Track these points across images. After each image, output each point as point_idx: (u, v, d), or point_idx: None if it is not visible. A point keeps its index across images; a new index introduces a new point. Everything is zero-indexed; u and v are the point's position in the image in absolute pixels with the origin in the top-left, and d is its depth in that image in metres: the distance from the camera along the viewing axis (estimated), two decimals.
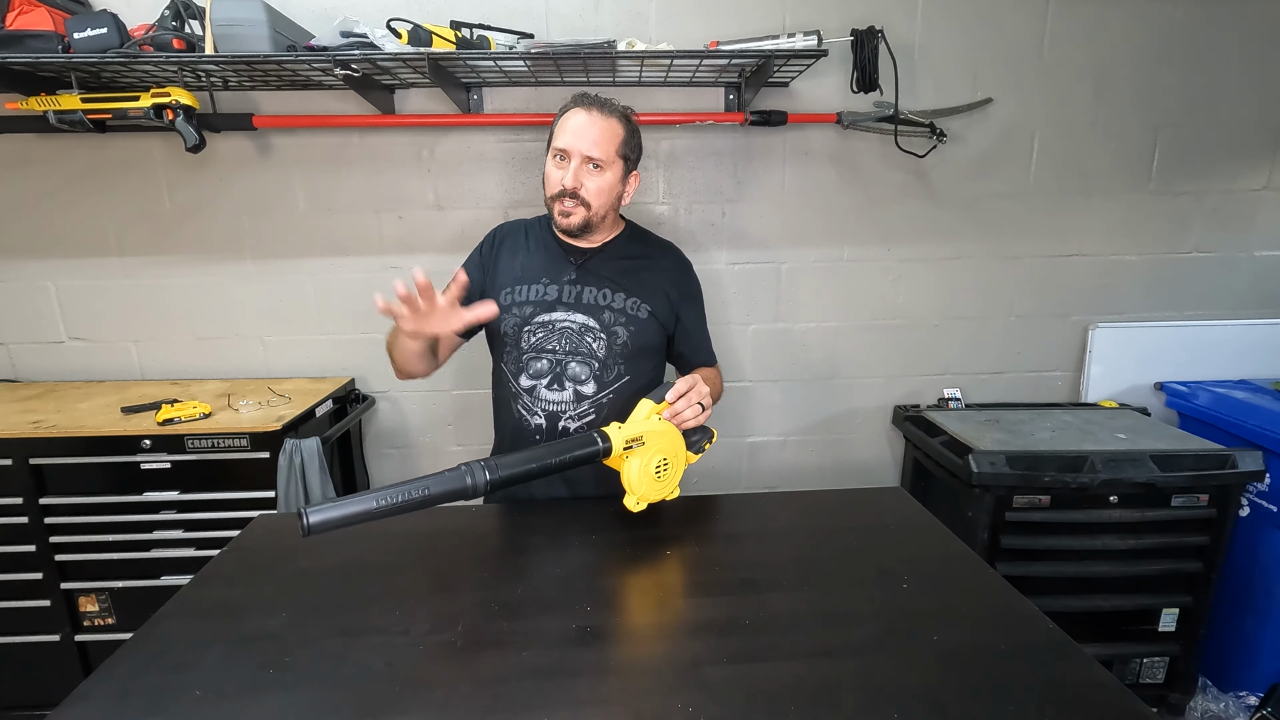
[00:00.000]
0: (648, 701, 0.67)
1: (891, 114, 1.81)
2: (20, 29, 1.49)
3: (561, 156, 1.24)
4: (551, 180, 1.25)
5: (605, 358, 1.27)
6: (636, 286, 1.31)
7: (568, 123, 1.24)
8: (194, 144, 1.64)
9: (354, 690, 0.69)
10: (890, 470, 2.19)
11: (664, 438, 1.03)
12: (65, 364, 1.96)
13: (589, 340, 1.27)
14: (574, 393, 1.27)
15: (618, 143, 1.25)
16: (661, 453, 1.02)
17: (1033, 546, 1.65)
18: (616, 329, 1.28)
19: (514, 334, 1.28)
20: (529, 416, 1.29)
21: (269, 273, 1.94)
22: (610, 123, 1.24)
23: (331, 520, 0.71)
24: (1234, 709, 1.76)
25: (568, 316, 1.28)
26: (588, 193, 1.24)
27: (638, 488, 1.00)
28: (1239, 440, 1.82)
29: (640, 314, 1.30)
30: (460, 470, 0.82)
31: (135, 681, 0.71)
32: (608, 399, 1.28)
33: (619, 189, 1.29)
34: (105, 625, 1.66)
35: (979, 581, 0.90)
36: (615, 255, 1.34)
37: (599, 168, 1.24)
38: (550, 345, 1.27)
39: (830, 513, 1.12)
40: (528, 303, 1.28)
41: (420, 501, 0.77)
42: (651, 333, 1.32)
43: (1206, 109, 1.96)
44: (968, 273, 2.06)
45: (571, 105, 1.26)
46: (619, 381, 1.28)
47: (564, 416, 1.27)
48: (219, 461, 1.57)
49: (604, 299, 1.29)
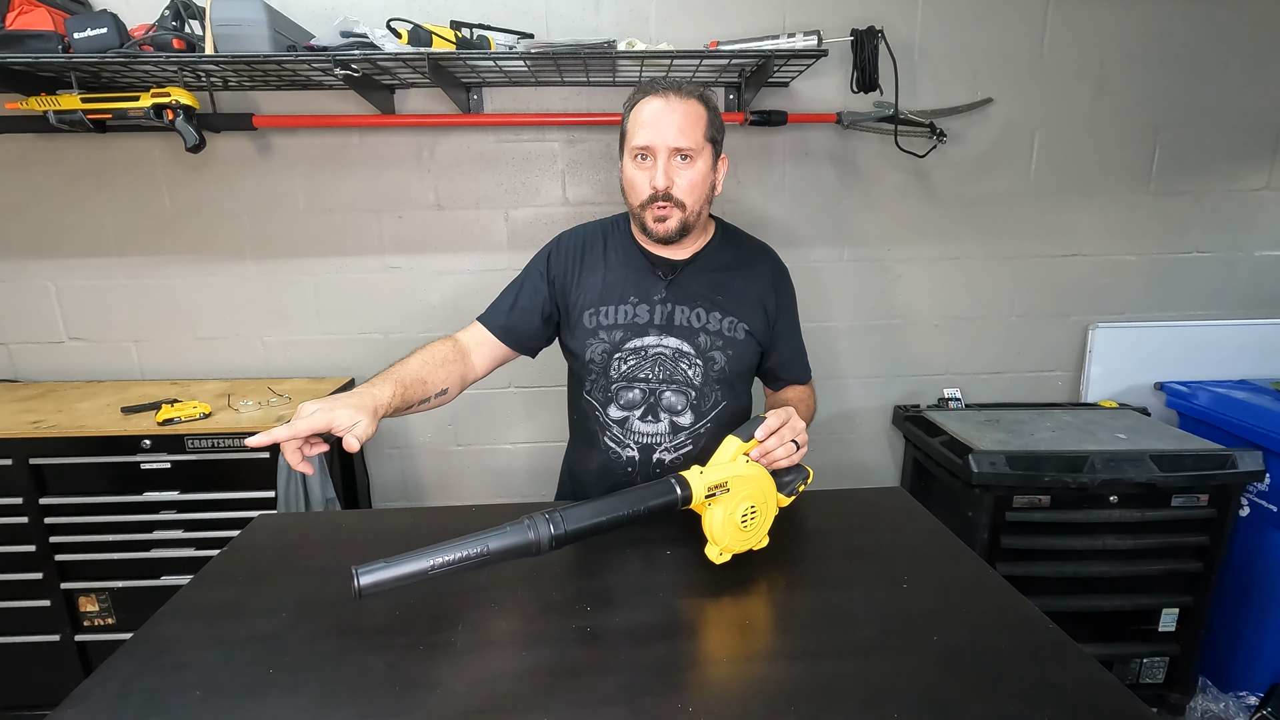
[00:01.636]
0: (648, 701, 0.67)
1: (891, 114, 1.81)
2: (20, 29, 1.49)
3: (643, 155, 1.09)
4: (637, 185, 1.11)
5: (702, 385, 1.17)
6: (732, 303, 1.19)
7: (642, 114, 1.08)
8: (194, 144, 1.63)
9: (354, 690, 0.69)
10: (890, 470, 2.19)
11: (751, 482, 0.90)
12: (65, 364, 1.96)
13: (684, 367, 1.16)
14: (670, 424, 1.17)
15: (703, 125, 1.10)
16: (748, 499, 0.89)
17: (1033, 546, 1.65)
18: (714, 354, 1.17)
19: (602, 361, 1.17)
20: (620, 449, 1.19)
21: (269, 273, 1.94)
22: (691, 104, 1.09)
23: (384, 582, 0.66)
24: (1234, 709, 1.76)
25: (660, 341, 1.16)
26: (680, 190, 1.09)
27: (721, 538, 0.89)
28: (1239, 440, 1.82)
29: (738, 335, 1.18)
30: (523, 524, 0.74)
31: (135, 681, 0.71)
32: (705, 428, 1.19)
33: (711, 178, 1.14)
34: (105, 625, 1.67)
35: (979, 581, 0.90)
36: (708, 266, 1.20)
37: (689, 159, 1.09)
38: (643, 374, 1.16)
39: (830, 513, 1.11)
40: (616, 326, 1.17)
41: (479, 560, 0.71)
42: (750, 354, 1.21)
43: (1206, 109, 1.96)
44: (968, 273, 2.06)
45: (641, 95, 1.11)
46: (716, 409, 1.19)
47: (659, 449, 1.18)
48: (219, 461, 1.57)
49: (698, 320, 1.17)
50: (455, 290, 1.96)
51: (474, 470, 2.11)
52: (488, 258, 1.95)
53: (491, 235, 1.95)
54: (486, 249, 1.95)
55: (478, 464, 2.11)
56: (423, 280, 1.96)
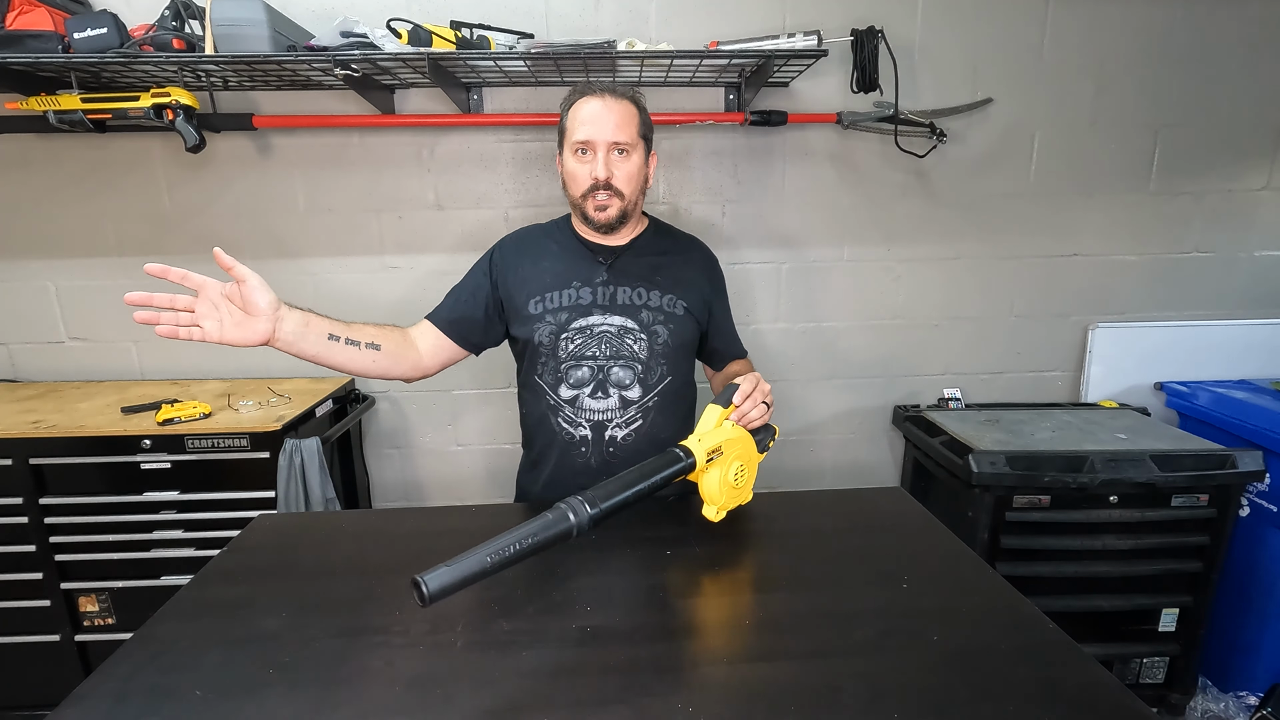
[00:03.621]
0: (648, 701, 0.67)
1: (891, 114, 1.81)
2: (20, 29, 1.49)
3: (583, 150, 1.19)
4: (579, 177, 1.21)
5: (648, 359, 1.24)
6: (670, 283, 1.28)
7: (581, 113, 1.19)
8: (194, 144, 1.63)
9: (354, 690, 0.69)
10: (890, 470, 2.19)
11: (739, 444, 1.01)
12: (65, 364, 1.96)
13: (629, 342, 1.23)
14: (619, 399, 1.22)
15: (637, 123, 1.21)
16: (738, 459, 1.00)
17: (1033, 546, 1.65)
18: (657, 328, 1.24)
19: (550, 343, 1.23)
20: (572, 429, 1.24)
21: (269, 273, 1.88)
22: (625, 105, 1.20)
23: (449, 585, 0.67)
24: (1234, 709, 1.76)
25: (605, 320, 1.23)
26: (620, 180, 1.20)
27: (718, 498, 0.98)
28: (1239, 440, 1.82)
29: (677, 310, 1.27)
30: (561, 510, 0.78)
31: (135, 681, 0.71)
32: (653, 402, 1.24)
33: (645, 171, 1.26)
34: (105, 625, 1.66)
35: (979, 581, 0.90)
36: (644, 251, 1.30)
37: (625, 153, 1.20)
38: (590, 351, 1.22)
39: (830, 513, 1.12)
40: (561, 309, 1.23)
41: (530, 550, 0.74)
42: (689, 329, 1.29)
43: (1206, 109, 1.96)
44: (968, 273, 2.06)
45: (579, 96, 1.21)
46: (663, 383, 1.25)
47: (610, 425, 1.23)
48: (219, 461, 1.57)
49: (639, 297, 1.25)
50: None
51: (474, 470, 2.11)
52: None
53: (491, 235, 1.92)
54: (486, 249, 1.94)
55: (478, 464, 2.11)
56: (423, 280, 1.96)
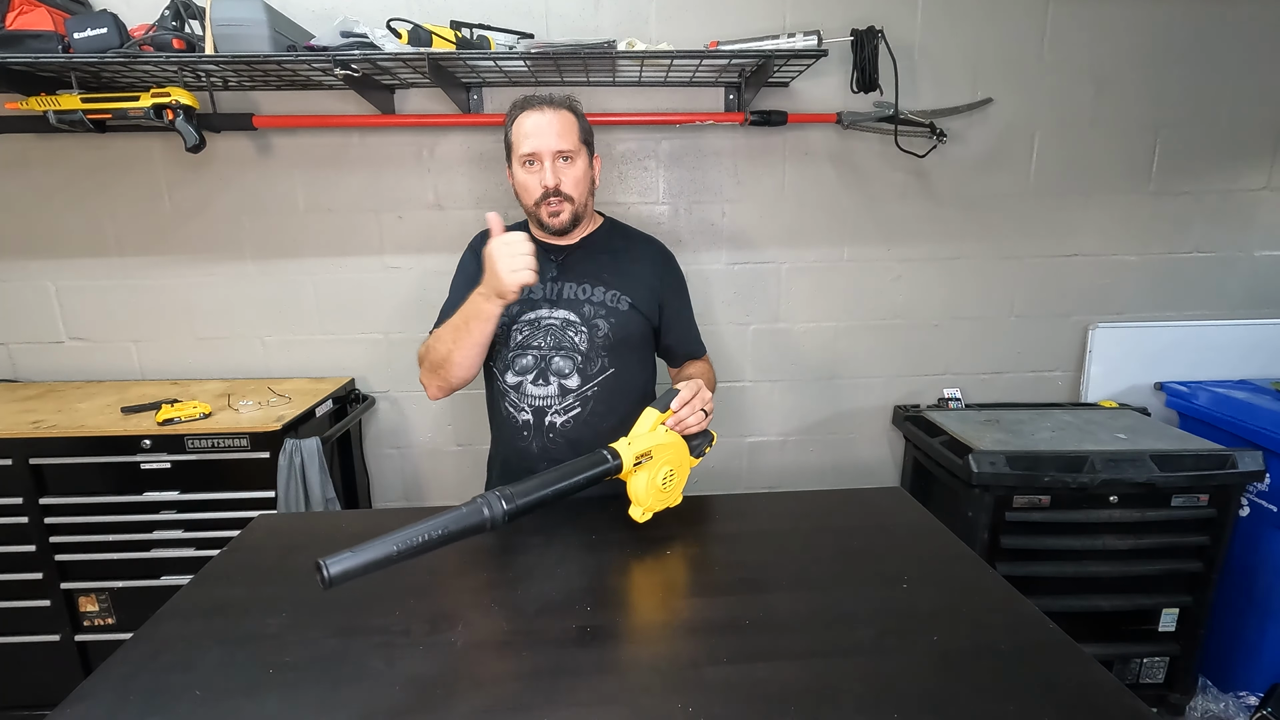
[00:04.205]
0: (648, 701, 0.67)
1: (891, 114, 1.81)
2: (20, 29, 1.49)
3: (531, 161, 1.26)
4: (530, 187, 1.27)
5: (588, 351, 1.29)
6: (617, 279, 1.33)
7: (524, 126, 1.26)
8: (194, 144, 1.63)
9: (354, 690, 0.69)
10: (890, 470, 2.19)
11: (670, 449, 1.03)
12: (65, 364, 1.96)
13: (571, 334, 1.29)
14: (559, 387, 1.29)
15: (577, 130, 1.28)
16: (667, 464, 1.02)
17: (1033, 546, 1.65)
18: (597, 322, 1.30)
19: (502, 333, 1.30)
20: (516, 413, 1.31)
21: (269, 273, 1.94)
22: (563, 114, 1.27)
23: (351, 570, 0.68)
24: (1234, 709, 1.76)
25: (551, 313, 1.30)
26: (568, 185, 1.26)
27: (645, 500, 1.01)
28: (1239, 440, 1.82)
29: (620, 306, 1.32)
30: (477, 503, 0.81)
31: (135, 681, 0.71)
32: (592, 391, 1.30)
33: (591, 174, 1.33)
34: (105, 625, 1.66)
35: (979, 581, 0.90)
36: (596, 250, 1.36)
37: (570, 159, 1.27)
38: (535, 341, 1.30)
39: (830, 513, 1.12)
40: (515, 302, 1.28)
41: (440, 540, 0.75)
42: (634, 324, 1.33)
43: (1206, 109, 1.96)
44: (968, 273, 2.06)
45: (519, 111, 1.28)
46: (603, 374, 1.30)
47: (550, 411, 1.29)
48: (219, 461, 1.57)
49: (584, 293, 1.31)
50: None
51: (474, 470, 2.10)
52: None
53: None
54: None
55: (478, 464, 2.10)
56: (423, 280, 1.96)
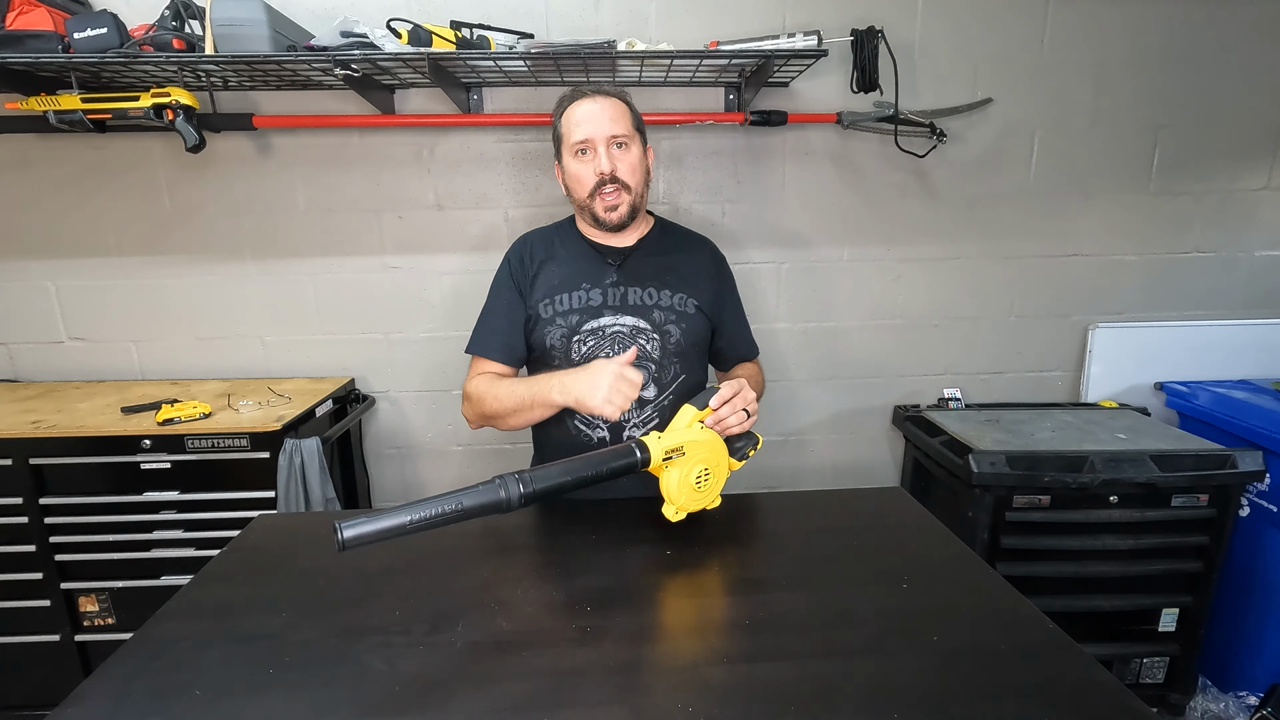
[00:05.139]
0: (648, 701, 0.67)
1: (891, 114, 1.81)
2: (20, 29, 1.49)
3: (583, 150, 1.21)
4: (583, 178, 1.21)
5: (661, 359, 1.24)
6: (679, 281, 1.28)
7: (575, 115, 1.21)
8: (194, 144, 1.63)
9: (354, 690, 0.69)
10: (890, 470, 2.19)
11: (705, 447, 0.99)
12: (65, 364, 1.96)
13: (642, 342, 1.23)
14: (636, 399, 1.22)
15: (630, 117, 1.23)
16: (702, 462, 0.98)
17: (1033, 546, 1.65)
18: (669, 327, 1.25)
19: (562, 346, 1.23)
20: (590, 430, 1.24)
21: (269, 273, 1.94)
22: (614, 102, 1.22)
23: (365, 535, 0.69)
24: (1234, 709, 1.76)
25: (616, 320, 1.23)
26: (624, 172, 1.20)
27: (677, 498, 0.97)
28: (1239, 440, 1.82)
29: (688, 309, 1.27)
30: (494, 483, 0.80)
31: (135, 681, 0.71)
32: (668, 400, 1.25)
33: (645, 163, 1.27)
34: (105, 625, 1.66)
35: (979, 581, 0.90)
36: (652, 251, 1.30)
37: (624, 145, 1.21)
38: (603, 352, 1.22)
39: (830, 513, 1.12)
40: (572, 311, 1.24)
41: (455, 515, 0.75)
42: (701, 327, 1.29)
43: (1206, 109, 1.96)
44: (968, 273, 2.06)
45: (570, 100, 1.23)
46: (676, 381, 1.26)
47: (628, 425, 1.24)
48: (219, 461, 1.57)
49: (650, 298, 1.25)
50: (455, 290, 1.96)
51: (474, 470, 2.11)
52: (487, 258, 1.94)
53: (491, 235, 1.94)
54: (486, 249, 1.94)
55: (478, 464, 2.11)
56: (423, 280, 1.96)
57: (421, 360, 2.01)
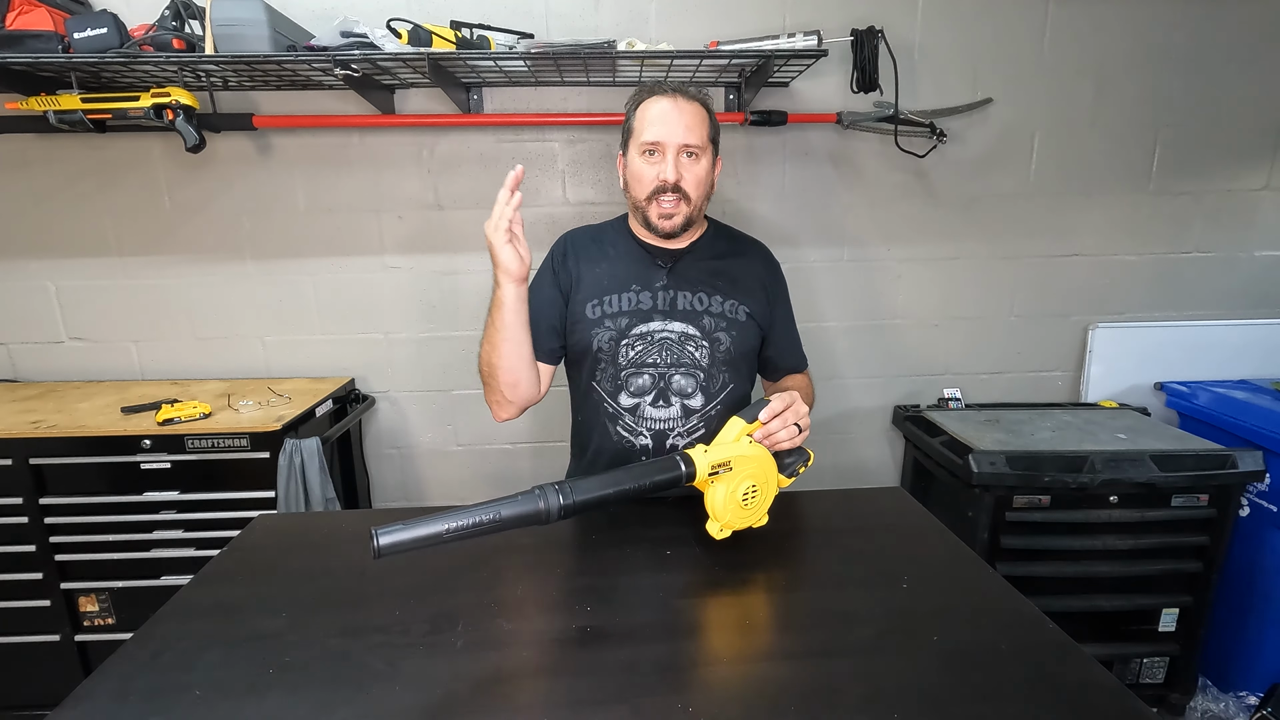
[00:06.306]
0: (648, 701, 0.67)
1: (891, 114, 1.81)
2: (20, 29, 1.49)
3: (652, 151, 1.14)
4: (644, 178, 1.15)
5: (709, 367, 1.19)
6: (731, 287, 1.23)
7: (650, 112, 1.14)
8: (194, 144, 1.63)
9: (354, 690, 0.69)
10: (890, 470, 2.19)
11: (753, 462, 0.94)
12: (65, 364, 1.96)
13: (691, 349, 1.19)
14: (681, 408, 1.19)
15: (706, 126, 1.16)
16: (750, 479, 0.93)
17: (1033, 546, 1.65)
18: (719, 335, 1.20)
19: (610, 349, 1.19)
20: (633, 438, 1.20)
21: (269, 273, 1.94)
22: (695, 106, 1.15)
23: (401, 543, 0.68)
24: (1234, 709, 1.76)
25: (666, 326, 1.19)
26: (688, 184, 1.15)
27: (722, 515, 0.93)
28: (1239, 440, 1.82)
29: (739, 316, 1.22)
30: (534, 494, 0.77)
31: (135, 681, 0.71)
32: (716, 410, 1.21)
33: (712, 176, 1.21)
34: (105, 625, 1.66)
35: (979, 581, 0.90)
36: (705, 255, 1.25)
37: (695, 156, 1.15)
38: (651, 358, 1.18)
39: (830, 513, 1.11)
40: (621, 314, 1.19)
41: (491, 526, 0.74)
42: (752, 335, 1.24)
43: (1206, 109, 1.96)
44: (968, 272, 2.06)
45: (648, 94, 1.16)
46: (725, 390, 1.21)
47: (672, 434, 1.20)
48: (219, 461, 1.57)
49: (700, 303, 1.21)
50: (455, 290, 1.96)
51: (474, 470, 2.11)
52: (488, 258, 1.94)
53: None
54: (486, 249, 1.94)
55: (478, 464, 2.11)
56: (423, 280, 1.96)
57: (422, 360, 2.01)
